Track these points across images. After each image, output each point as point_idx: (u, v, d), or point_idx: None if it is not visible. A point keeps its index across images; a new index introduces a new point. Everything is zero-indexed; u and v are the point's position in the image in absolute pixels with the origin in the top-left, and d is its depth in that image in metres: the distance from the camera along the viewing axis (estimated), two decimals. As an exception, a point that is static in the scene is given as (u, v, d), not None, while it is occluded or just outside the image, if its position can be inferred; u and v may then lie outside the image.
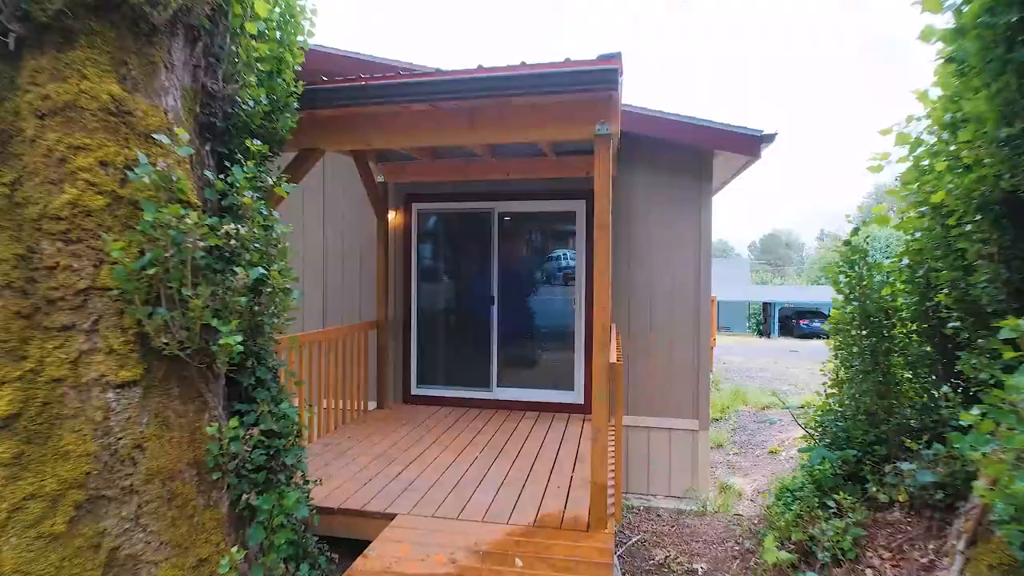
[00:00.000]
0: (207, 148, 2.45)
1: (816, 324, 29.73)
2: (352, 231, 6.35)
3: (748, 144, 5.17)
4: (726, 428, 8.26)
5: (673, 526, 4.48)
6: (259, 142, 2.57)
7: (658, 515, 4.83)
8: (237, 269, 2.09)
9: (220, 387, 2.35)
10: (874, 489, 3.08)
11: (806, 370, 15.61)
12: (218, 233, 2.14)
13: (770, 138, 5.20)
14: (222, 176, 2.38)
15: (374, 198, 5.78)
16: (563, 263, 6.12)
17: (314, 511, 2.81)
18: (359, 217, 6.28)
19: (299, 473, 2.65)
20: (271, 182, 2.52)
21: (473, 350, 6.14)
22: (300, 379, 2.84)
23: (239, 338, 2.06)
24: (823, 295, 34.39)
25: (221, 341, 2.03)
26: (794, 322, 30.69)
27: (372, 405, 6.02)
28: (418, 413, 5.81)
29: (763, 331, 33.24)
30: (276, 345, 2.71)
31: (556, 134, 3.35)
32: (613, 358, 3.41)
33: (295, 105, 3.09)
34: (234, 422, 2.21)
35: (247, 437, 2.26)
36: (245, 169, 2.40)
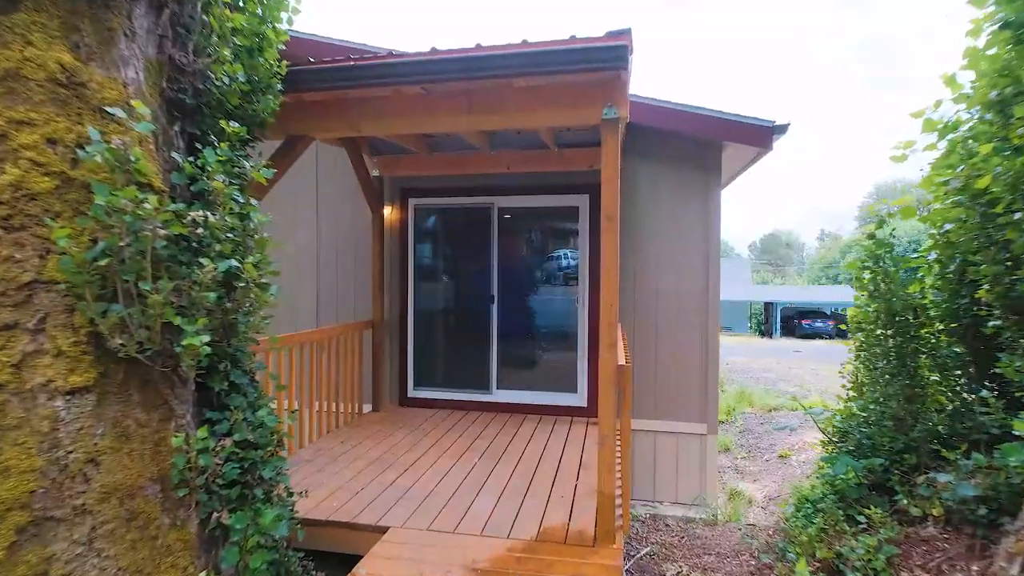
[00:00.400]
0: (176, 128, 2.21)
1: (819, 324, 29.57)
2: (346, 227, 6.12)
3: (760, 135, 4.94)
4: (732, 431, 8.03)
5: (683, 537, 4.25)
6: (236, 124, 2.35)
7: (666, 524, 4.59)
8: (204, 261, 1.85)
9: (189, 393, 2.12)
10: (904, 501, 2.85)
11: (810, 371, 15.41)
12: (184, 221, 1.91)
13: (783, 129, 4.97)
14: (192, 159, 2.15)
15: (368, 192, 5.56)
16: (565, 260, 5.89)
17: (298, 525, 2.58)
18: (353, 212, 6.06)
19: (281, 486, 2.42)
20: (248, 167, 2.28)
21: (472, 351, 5.91)
22: (282, 383, 2.60)
23: (206, 338, 1.83)
24: (825, 295, 34.27)
25: (185, 341, 1.80)
26: (796, 322, 30.49)
27: (367, 408, 5.80)
28: (415, 416, 5.58)
29: (764, 331, 33.04)
30: (256, 346, 2.48)
31: (560, 119, 3.12)
32: (621, 359, 3.18)
33: (278, 87, 2.86)
34: (203, 432, 1.98)
35: (218, 449, 2.03)
36: (218, 151, 2.17)
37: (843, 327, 3.79)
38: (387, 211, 5.91)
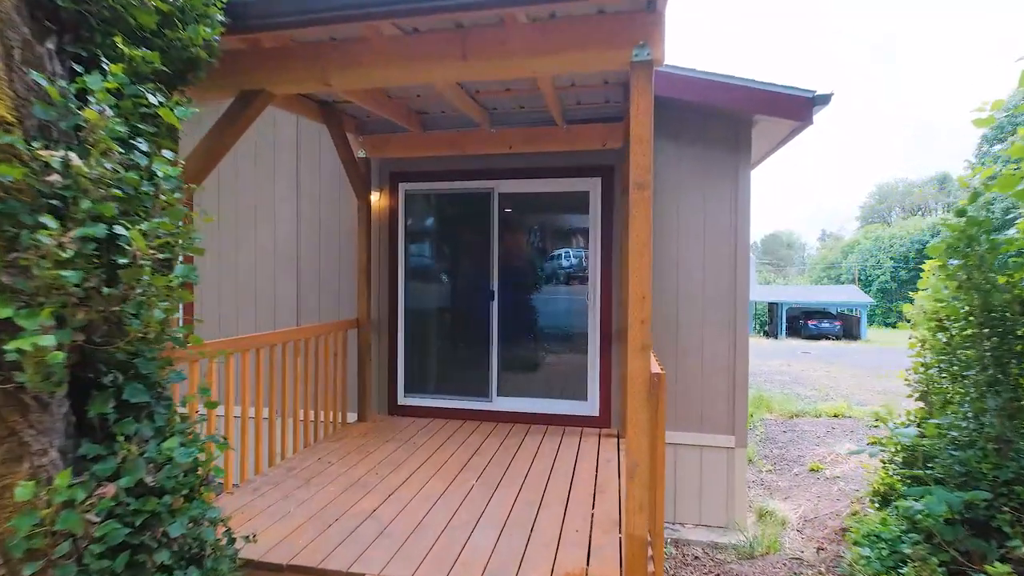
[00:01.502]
0: (50, 45, 1.57)
1: (825, 324, 29.02)
2: (330, 215, 5.49)
3: (798, 108, 4.32)
4: (753, 440, 7.39)
5: (718, 575, 3.61)
6: (147, 51, 1.72)
7: (695, 555, 3.96)
8: (47, 221, 1.21)
9: (57, 420, 1.48)
10: (1023, 549, 2.21)
11: (824, 372, 14.78)
12: (31, 165, 1.27)
13: (825, 99, 4.34)
14: (67, 84, 1.52)
15: (354, 176, 4.92)
16: (574, 252, 5.26)
17: (240, 584, 1.95)
18: (338, 199, 5.43)
19: (208, 541, 1.78)
20: (155, 102, 1.65)
21: (470, 353, 5.27)
22: (213, 400, 1.96)
23: (51, 339, 1.19)
24: (830, 295, 33.61)
25: (13, 344, 1.16)
26: (802, 322, 29.92)
27: (352, 417, 5.16)
28: (405, 427, 4.95)
29: (769, 332, 32.39)
30: (176, 352, 1.84)
31: (578, 63, 2.49)
32: (655, 367, 2.55)
33: (219, 17, 2.23)
34: (63, 478, 1.34)
35: (93, 501, 1.39)
36: (109, 77, 1.54)
37: (908, 326, 3.15)
38: (375, 197, 5.28)
